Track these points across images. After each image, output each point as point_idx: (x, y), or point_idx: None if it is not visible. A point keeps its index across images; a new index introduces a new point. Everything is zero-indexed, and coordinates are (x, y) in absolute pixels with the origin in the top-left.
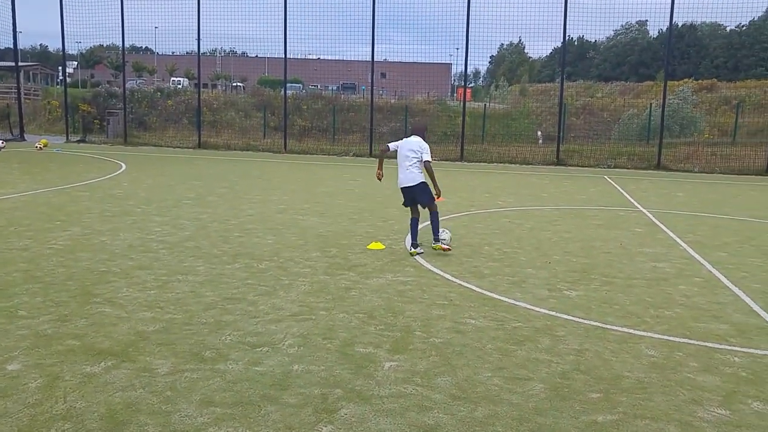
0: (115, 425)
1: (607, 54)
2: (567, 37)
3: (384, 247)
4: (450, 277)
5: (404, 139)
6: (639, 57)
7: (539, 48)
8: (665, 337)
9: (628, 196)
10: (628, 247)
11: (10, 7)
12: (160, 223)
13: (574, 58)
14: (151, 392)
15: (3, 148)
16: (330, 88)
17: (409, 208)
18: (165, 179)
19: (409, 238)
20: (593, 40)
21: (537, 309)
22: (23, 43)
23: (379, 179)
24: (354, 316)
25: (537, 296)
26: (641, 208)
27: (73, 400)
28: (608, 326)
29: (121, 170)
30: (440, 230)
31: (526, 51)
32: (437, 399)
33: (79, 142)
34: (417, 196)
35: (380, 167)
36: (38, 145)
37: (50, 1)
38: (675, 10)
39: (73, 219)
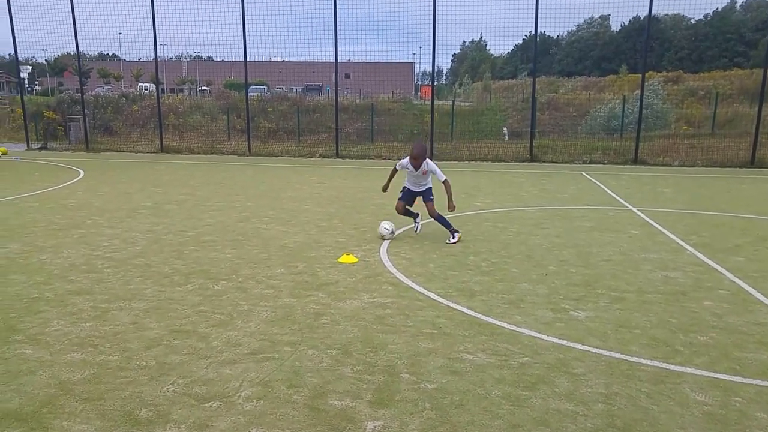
0: None
1: (569, 49)
2: (529, 33)
3: (357, 260)
4: (435, 297)
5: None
6: (601, 51)
7: (500, 45)
8: (710, 374)
9: (612, 193)
10: (628, 253)
11: None
12: (110, 236)
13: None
14: None
15: None
16: (295, 89)
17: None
18: (123, 186)
19: (384, 249)
20: (555, 36)
21: (544, 337)
22: None
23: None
24: (325, 353)
25: (540, 319)
26: (630, 206)
27: None
28: (634, 358)
29: (79, 178)
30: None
31: (487, 48)
32: None
33: (40, 149)
34: None
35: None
36: None
37: (14, 10)
38: (636, 3)
39: (14, 234)
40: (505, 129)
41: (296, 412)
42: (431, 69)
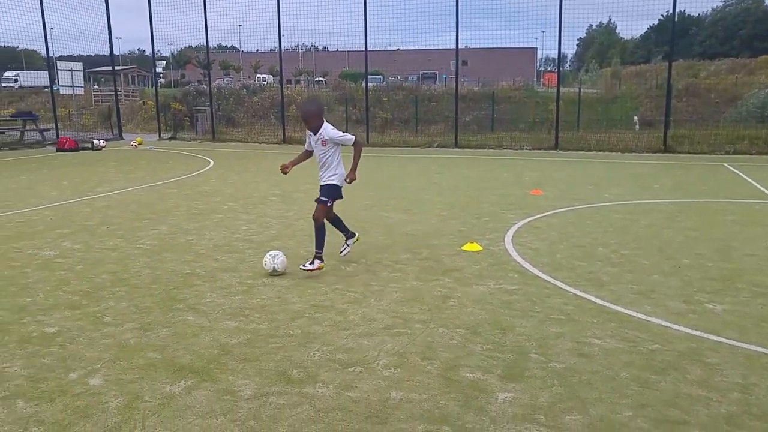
0: None
1: (713, 29)
2: (666, 13)
3: (481, 248)
4: (563, 286)
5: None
6: (753, 29)
7: (631, 28)
8: None
9: (759, 186)
10: None
11: (105, 16)
12: (247, 221)
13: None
14: (233, 421)
15: (104, 147)
16: (410, 78)
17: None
18: (251, 175)
19: (508, 239)
20: (696, 15)
21: (675, 327)
22: (123, 49)
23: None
24: (455, 332)
25: (672, 310)
26: None
27: (152, 425)
28: None
29: (209, 166)
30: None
31: (617, 31)
32: None
33: (170, 139)
34: None
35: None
36: (133, 143)
37: (144, 8)
38: None
39: (161, 217)
40: (636, 118)
41: (431, 381)
42: (556, 54)
